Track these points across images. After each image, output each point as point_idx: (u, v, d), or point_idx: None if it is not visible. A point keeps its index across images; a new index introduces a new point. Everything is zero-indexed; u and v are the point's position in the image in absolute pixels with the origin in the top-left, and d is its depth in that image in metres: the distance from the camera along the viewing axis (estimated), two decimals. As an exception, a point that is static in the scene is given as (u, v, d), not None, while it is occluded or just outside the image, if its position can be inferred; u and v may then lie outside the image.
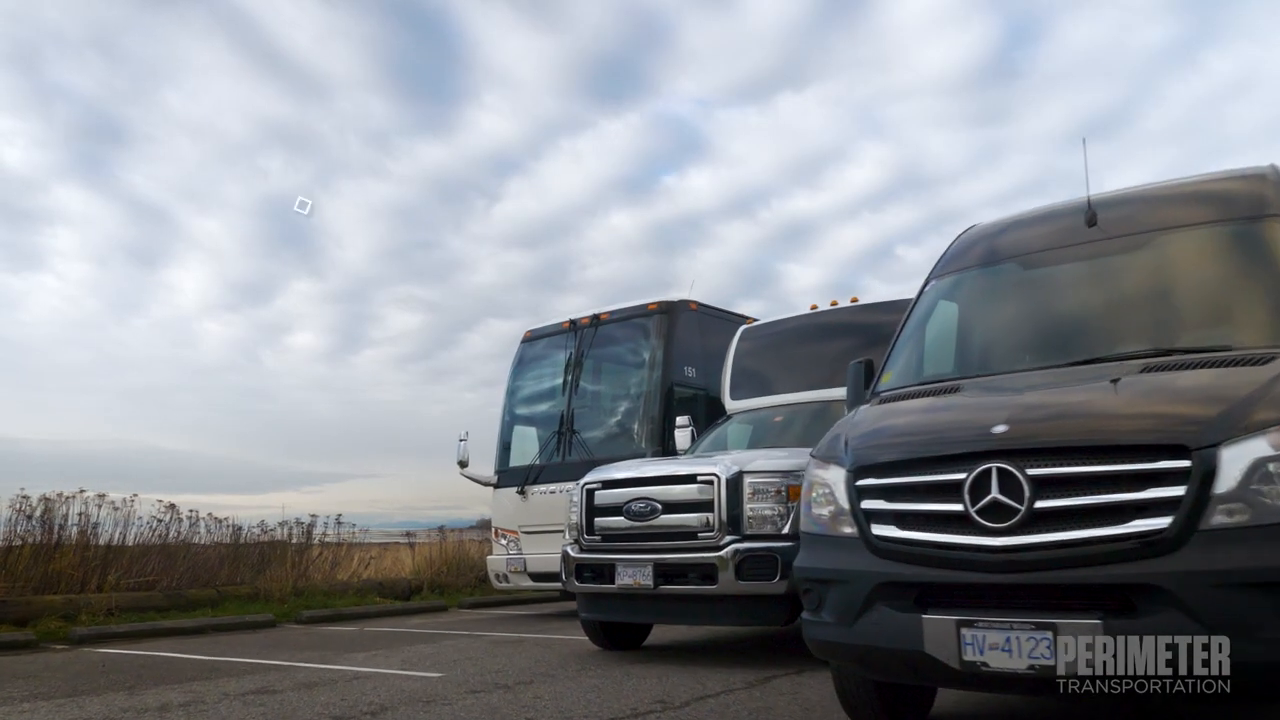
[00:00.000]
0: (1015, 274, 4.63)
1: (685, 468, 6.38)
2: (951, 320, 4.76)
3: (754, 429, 8.26)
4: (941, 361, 4.62)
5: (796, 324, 8.71)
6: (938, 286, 4.88)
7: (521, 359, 11.95)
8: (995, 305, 4.68)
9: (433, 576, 14.34)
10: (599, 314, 11.15)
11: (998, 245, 4.78)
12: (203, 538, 11.98)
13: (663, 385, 10.33)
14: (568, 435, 10.73)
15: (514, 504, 10.98)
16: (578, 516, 6.76)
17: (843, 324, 8.37)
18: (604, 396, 11.05)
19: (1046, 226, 4.67)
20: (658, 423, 10.17)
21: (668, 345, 10.48)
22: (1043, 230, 4.66)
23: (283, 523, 12.76)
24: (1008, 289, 4.65)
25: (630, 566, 6.23)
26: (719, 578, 5.88)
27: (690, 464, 6.49)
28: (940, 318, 4.82)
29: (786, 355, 8.58)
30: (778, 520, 5.96)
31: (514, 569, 10.78)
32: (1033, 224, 4.77)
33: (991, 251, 4.77)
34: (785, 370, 8.42)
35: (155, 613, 10.27)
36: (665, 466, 6.68)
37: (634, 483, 6.47)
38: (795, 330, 8.67)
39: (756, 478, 6.04)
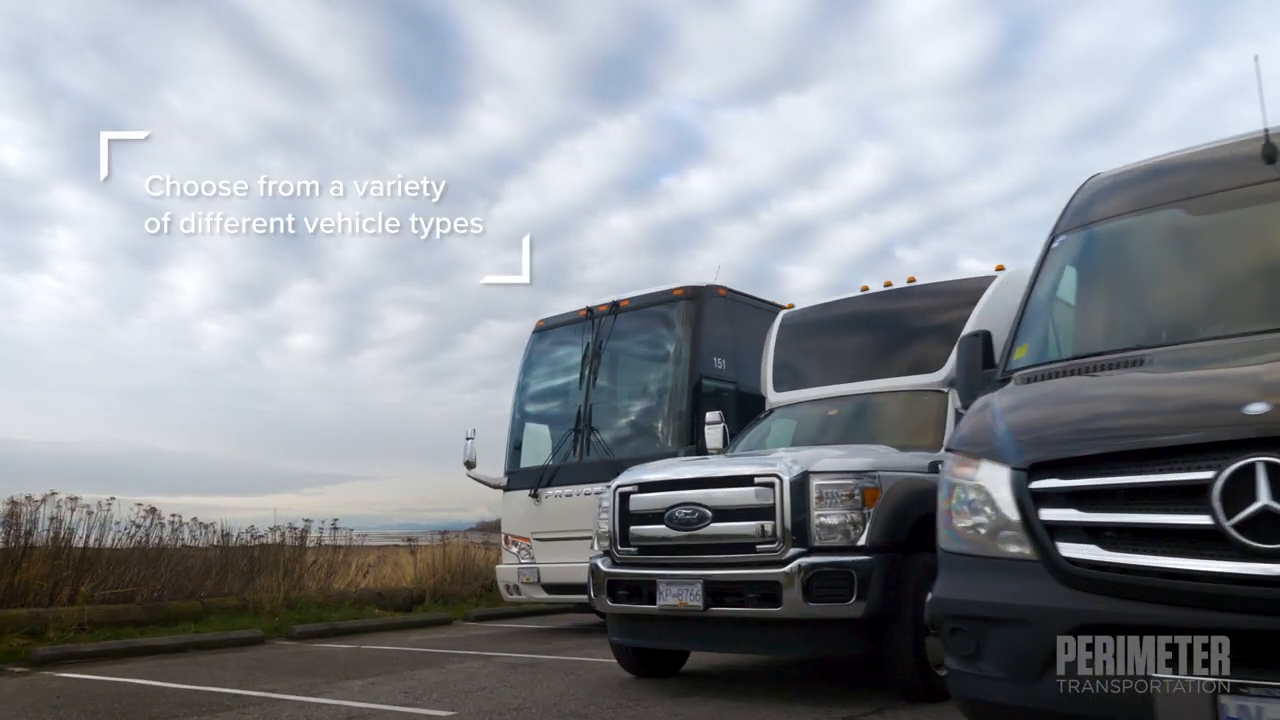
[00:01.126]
0: (1181, 221, 3.69)
1: (739, 467, 5.43)
2: (1098, 280, 3.83)
3: (798, 425, 7.32)
4: (1090, 330, 3.68)
5: (847, 307, 7.77)
6: (1070, 243, 3.94)
7: (533, 351, 11.00)
8: (1158, 260, 3.75)
9: (435, 585, 13.39)
10: (618, 301, 10.21)
11: (1150, 190, 3.84)
12: (186, 544, 11.01)
13: (690, 378, 9.39)
14: (585, 433, 9.78)
15: (526, 508, 10.03)
16: (609, 524, 5.82)
17: (900, 307, 7.43)
18: (625, 391, 10.11)
19: (1209, 166, 3.74)
20: (685, 419, 9.23)
21: (695, 334, 9.54)
22: (1207, 170, 3.72)
23: (274, 527, 11.81)
24: (1174, 240, 3.72)
25: (675, 584, 5.29)
26: (783, 598, 4.93)
27: (745, 463, 5.55)
28: (1079, 278, 3.88)
29: (837, 342, 7.65)
30: (851, 529, 5.01)
31: (526, 579, 9.84)
32: (1189, 165, 3.83)
33: (1142, 197, 3.82)
34: (836, 358, 7.49)
35: (132, 627, 9.33)
36: (715, 466, 5.74)
37: (677, 485, 5.53)
38: (846, 314, 7.73)
39: (825, 479, 5.10)
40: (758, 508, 5.15)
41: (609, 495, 5.89)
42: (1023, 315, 3.78)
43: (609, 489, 5.91)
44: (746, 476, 5.25)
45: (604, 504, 5.98)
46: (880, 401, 6.83)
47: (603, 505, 6.00)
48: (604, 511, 5.96)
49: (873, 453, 5.57)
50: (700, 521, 5.30)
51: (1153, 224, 3.73)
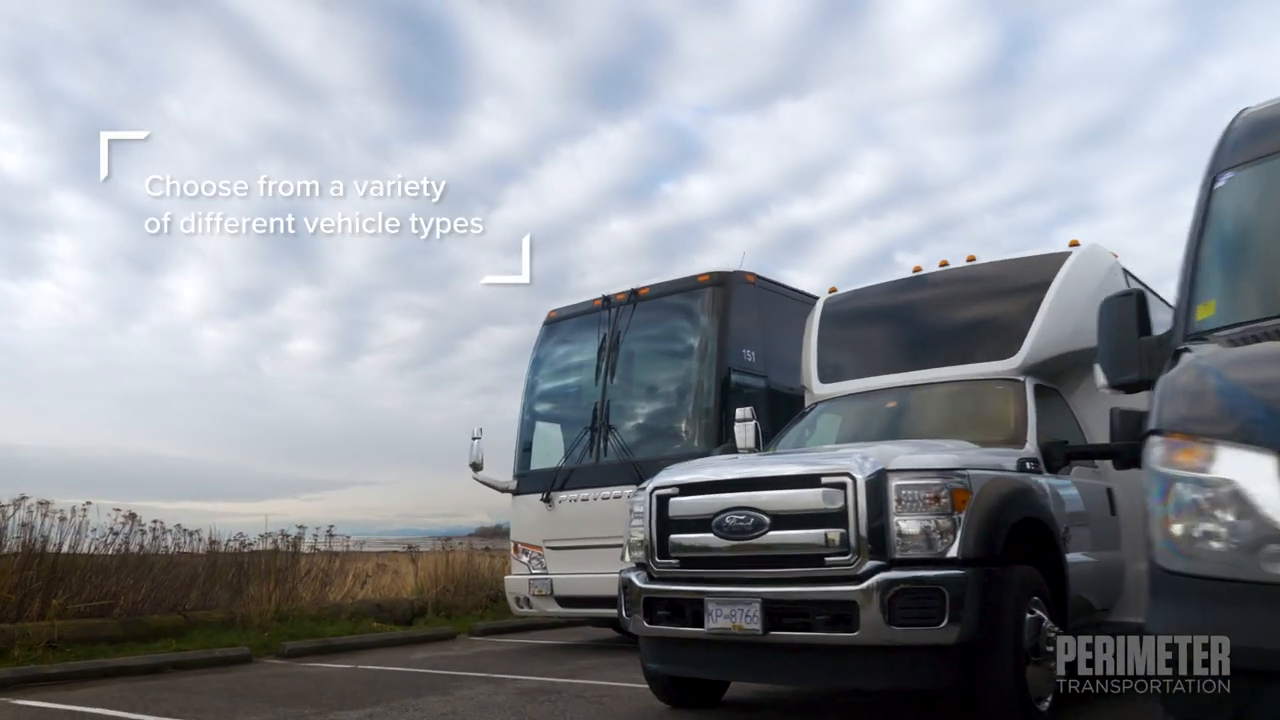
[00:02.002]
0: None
1: (803, 465, 4.63)
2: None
3: (844, 420, 6.54)
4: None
5: (901, 290, 6.97)
6: (1241, 181, 3.14)
7: (544, 344, 10.21)
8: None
9: (438, 596, 12.57)
10: (637, 289, 9.42)
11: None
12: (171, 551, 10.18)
13: (718, 372, 8.60)
14: (602, 433, 8.98)
15: (537, 514, 9.24)
16: (645, 532, 5.02)
17: (962, 288, 6.63)
18: (645, 387, 9.31)
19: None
20: (713, 417, 8.44)
21: (723, 324, 8.75)
22: None
23: (265, 534, 10.99)
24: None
25: (727, 603, 4.48)
26: (859, 620, 4.13)
27: (809, 460, 4.75)
28: (1259, 218, 3.09)
29: (892, 328, 6.85)
30: (938, 538, 4.21)
31: (538, 591, 9.04)
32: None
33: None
34: (892, 345, 6.69)
35: (107, 644, 8.52)
36: (772, 464, 4.93)
37: (727, 486, 4.73)
38: (900, 297, 6.93)
39: (907, 478, 4.30)
40: (826, 513, 4.35)
41: (643, 499, 5.09)
42: (1195, 268, 2.97)
43: (643, 492, 5.11)
44: (812, 476, 4.44)
45: (636, 509, 5.19)
46: (946, 393, 6.04)
47: (635, 510, 5.21)
48: (637, 518, 5.16)
49: (954, 448, 4.78)
50: (756, 529, 4.49)
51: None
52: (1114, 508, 5.88)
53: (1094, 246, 6.44)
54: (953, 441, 5.05)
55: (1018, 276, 6.42)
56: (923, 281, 6.93)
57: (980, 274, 6.65)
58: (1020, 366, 5.87)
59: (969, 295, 6.56)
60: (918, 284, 6.94)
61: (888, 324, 6.91)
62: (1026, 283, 6.29)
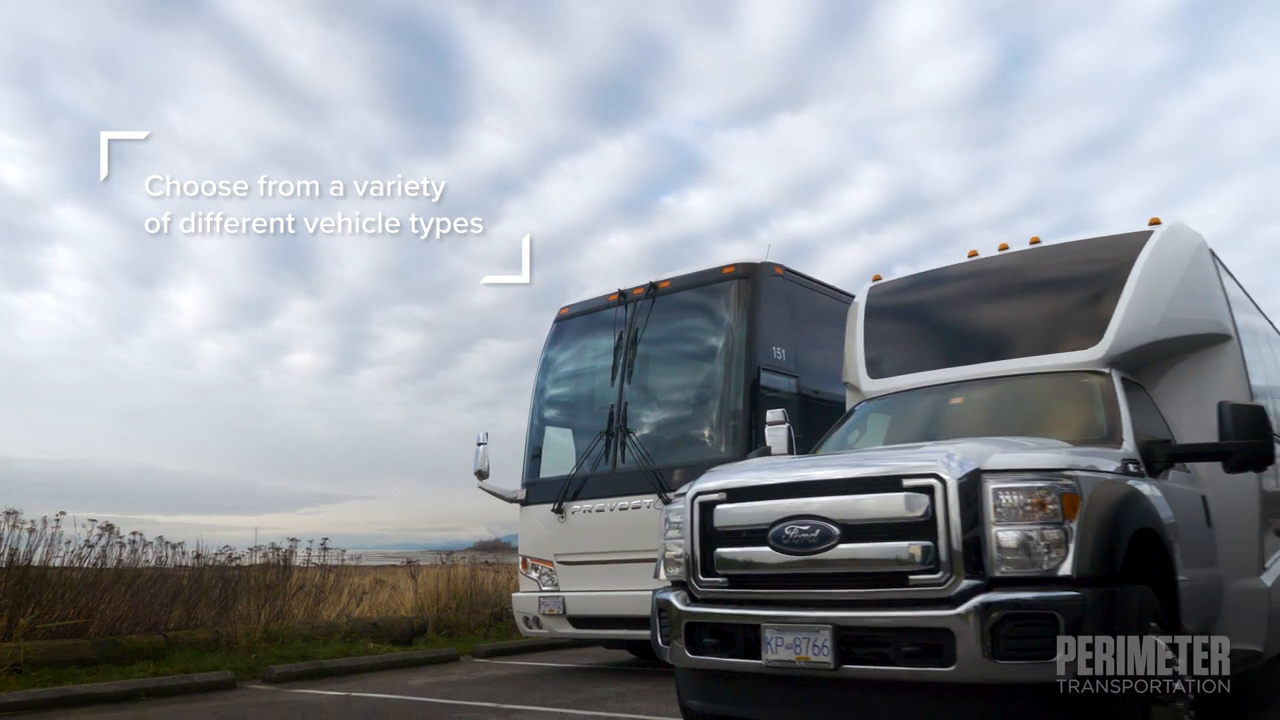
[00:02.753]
0: None
1: (880, 465, 3.91)
2: None
3: (894, 420, 5.84)
4: None
5: (959, 276, 6.27)
6: None
7: (555, 343, 9.51)
8: None
9: (439, 614, 11.84)
10: (656, 282, 8.72)
11: None
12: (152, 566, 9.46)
13: (746, 371, 7.89)
14: (619, 438, 8.27)
15: (548, 526, 8.52)
16: (685, 546, 4.29)
17: (1030, 273, 5.93)
18: (666, 388, 8.60)
19: None
20: (742, 420, 7.73)
21: (751, 319, 8.05)
22: None
23: (255, 547, 10.26)
24: None
25: (790, 630, 3.76)
26: (956, 652, 3.41)
27: (887, 459, 4.03)
28: None
29: (952, 316, 6.15)
30: (1048, 552, 3.49)
31: (549, 611, 8.31)
32: None
33: None
34: (953, 336, 5.99)
35: (79, 668, 7.80)
36: (842, 465, 4.19)
37: (788, 491, 4.01)
38: (956, 285, 6.24)
39: (1007, 480, 3.59)
40: (910, 522, 3.63)
41: (682, 507, 4.37)
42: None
43: (682, 498, 4.39)
44: (891, 478, 3.73)
45: (673, 518, 4.47)
46: (1020, 387, 5.33)
47: (671, 520, 4.49)
48: (674, 529, 4.44)
49: (1050, 447, 4.07)
50: (823, 542, 3.77)
51: None
52: (1210, 518, 5.17)
53: (1178, 225, 5.76)
54: (1037, 440, 4.35)
55: (1093, 259, 5.73)
56: (983, 267, 6.23)
57: (1049, 257, 5.95)
58: (1104, 357, 5.18)
59: (1038, 280, 5.86)
60: (977, 270, 6.25)
61: (944, 313, 6.22)
62: (1104, 266, 5.61)
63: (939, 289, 6.33)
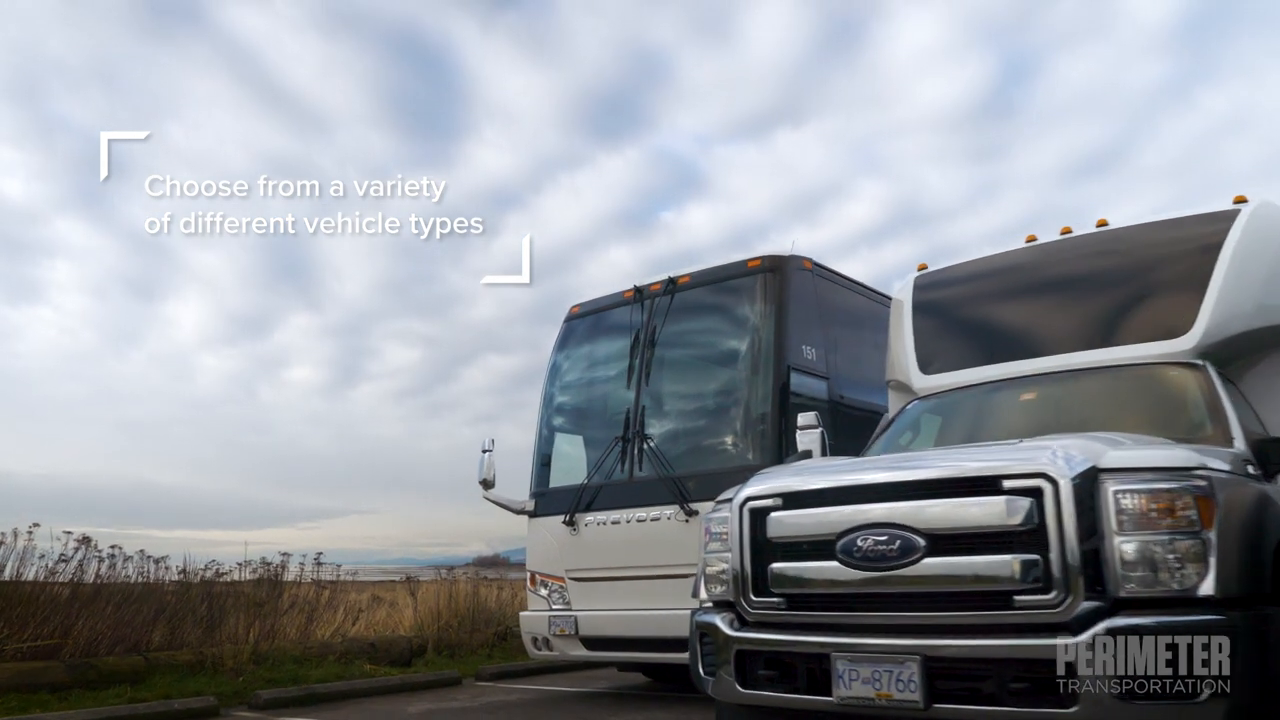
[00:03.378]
0: None
1: (975, 463, 3.31)
2: None
3: (955, 419, 5.26)
4: None
5: (1017, 262, 5.70)
6: None
7: (565, 344, 8.90)
8: None
9: (440, 633, 11.19)
10: (675, 276, 8.13)
11: None
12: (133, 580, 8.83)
13: (775, 372, 7.27)
14: (636, 444, 7.65)
15: (559, 539, 7.89)
16: (732, 561, 3.70)
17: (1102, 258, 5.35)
18: (688, 390, 7.99)
19: None
20: (770, 424, 7.12)
21: (780, 316, 7.44)
22: None
23: (244, 562, 9.62)
24: None
25: (866, 661, 3.15)
26: (1078, 689, 2.81)
27: (982, 456, 3.43)
28: None
29: (1012, 306, 5.58)
30: (1181, 567, 2.90)
31: (560, 631, 7.67)
32: None
33: None
34: (1018, 326, 5.42)
35: (49, 693, 7.17)
36: (920, 465, 3.58)
37: (859, 495, 3.41)
38: (1019, 272, 5.66)
39: (1130, 481, 3.00)
40: (1011, 531, 3.04)
41: (727, 515, 3.78)
42: None
43: (727, 505, 3.80)
44: (988, 479, 3.13)
45: (716, 529, 3.87)
46: (1102, 380, 4.75)
47: (713, 531, 3.89)
48: (717, 540, 3.85)
49: (1166, 443, 3.47)
50: (905, 555, 3.17)
51: None
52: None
53: (1268, 203, 5.18)
54: (1133, 437, 3.75)
55: (1174, 241, 5.16)
56: (1047, 252, 5.66)
57: (1122, 240, 5.38)
58: (1196, 347, 4.60)
59: (1113, 266, 5.28)
60: (1040, 255, 5.67)
61: (1005, 303, 5.64)
62: (1188, 248, 5.04)
63: (998, 277, 5.75)
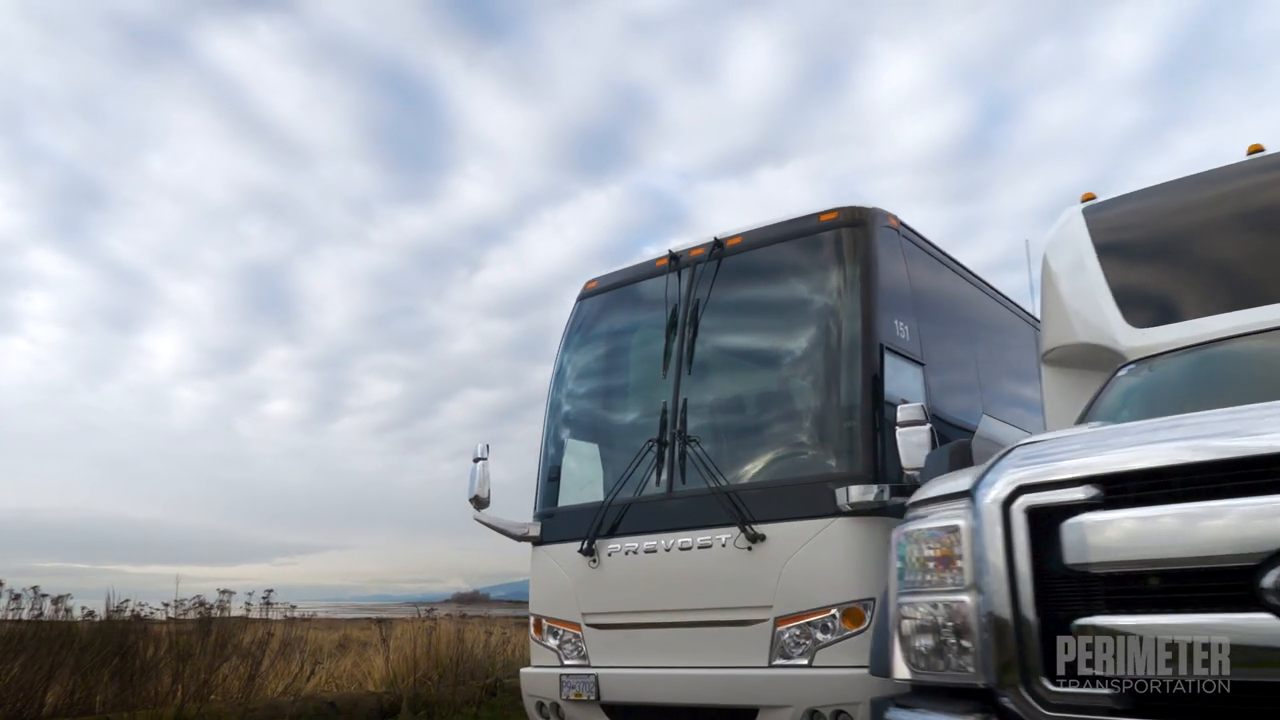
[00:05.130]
0: None
1: None
2: None
3: (1193, 385, 3.53)
4: None
5: (1247, 181, 4.00)
6: None
7: (579, 329, 7.12)
8: None
9: (416, 687, 9.26)
10: (722, 238, 6.40)
11: None
12: (24, 619, 6.93)
13: (866, 352, 5.52)
14: (677, 448, 5.86)
15: (573, 574, 6.07)
16: (983, 607, 1.92)
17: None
18: (744, 379, 6.26)
19: None
20: (863, 418, 5.35)
21: (868, 282, 5.71)
22: None
23: (172, 603, 7.71)
24: None
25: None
26: None
27: None
28: None
29: (1247, 237, 3.86)
30: None
31: (575, 695, 5.82)
32: None
33: None
34: (1258, 263, 3.70)
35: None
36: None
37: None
38: (1249, 195, 3.96)
39: None
40: None
41: (964, 522, 2.00)
42: None
43: (972, 503, 2.02)
44: None
45: (928, 547, 2.12)
46: None
47: (924, 551, 2.13)
48: (932, 566, 2.07)
49: None
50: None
51: None
52: None
53: None
54: None
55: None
56: None
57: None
58: None
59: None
60: (1268, 169, 3.98)
61: (1237, 232, 3.93)
62: None
63: (1217, 202, 4.05)
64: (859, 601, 4.95)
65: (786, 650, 5.08)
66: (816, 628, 5.03)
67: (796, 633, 5.07)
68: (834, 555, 5.07)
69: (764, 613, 5.16)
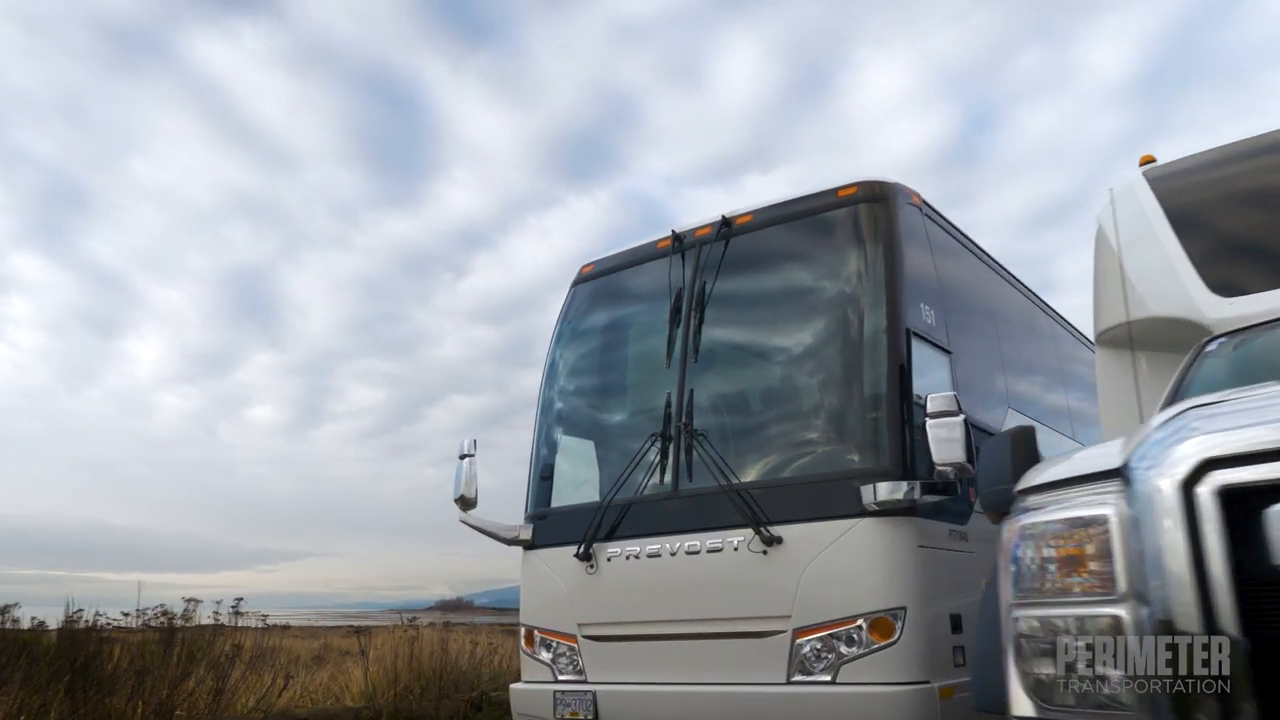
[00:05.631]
0: None
1: None
2: None
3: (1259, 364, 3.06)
4: None
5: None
6: None
7: (574, 315, 6.62)
8: None
9: (396, 701, 8.72)
10: (731, 216, 5.92)
11: None
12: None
13: (891, 337, 5.04)
14: (683, 444, 5.36)
15: (569, 581, 5.57)
16: (1166, 612, 1.41)
17: None
18: (757, 369, 5.79)
19: None
20: (889, 409, 4.87)
21: (892, 262, 5.24)
22: None
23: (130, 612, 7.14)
24: None
25: None
26: None
27: None
28: None
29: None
30: None
31: (570, 714, 5.30)
32: None
33: None
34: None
35: None
36: None
37: None
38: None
39: None
40: None
41: (1114, 510, 1.51)
42: None
43: (1143, 483, 1.53)
44: None
45: (1058, 543, 1.61)
46: None
47: (1045, 552, 1.64)
48: (1063, 570, 1.58)
49: None
50: None
51: None
52: None
53: None
54: None
55: None
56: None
57: None
58: None
59: None
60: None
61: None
62: None
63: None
64: (888, 611, 4.47)
65: (807, 665, 4.59)
66: (840, 640, 4.54)
67: (818, 645, 4.58)
68: (860, 559, 4.59)
69: (781, 623, 4.66)
